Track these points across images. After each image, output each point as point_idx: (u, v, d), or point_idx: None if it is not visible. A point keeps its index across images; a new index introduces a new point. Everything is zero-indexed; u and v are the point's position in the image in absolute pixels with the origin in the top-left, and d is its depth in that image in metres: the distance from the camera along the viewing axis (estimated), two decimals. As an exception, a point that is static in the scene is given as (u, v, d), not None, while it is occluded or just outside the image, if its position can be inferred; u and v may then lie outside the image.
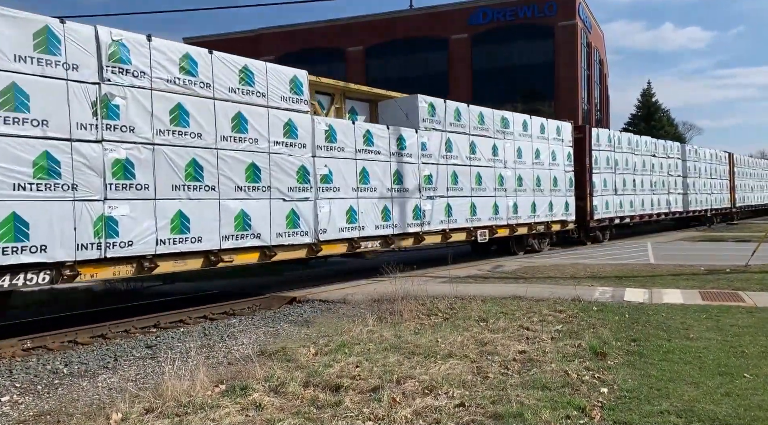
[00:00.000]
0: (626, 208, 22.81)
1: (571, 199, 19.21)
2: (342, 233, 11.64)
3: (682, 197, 27.63)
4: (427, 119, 13.88)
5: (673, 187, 26.80)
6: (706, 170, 30.95)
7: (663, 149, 26.41)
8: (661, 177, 25.74)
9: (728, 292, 9.88)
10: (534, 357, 6.10)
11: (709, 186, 31.29)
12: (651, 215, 24.79)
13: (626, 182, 22.85)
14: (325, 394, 5.10)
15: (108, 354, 7.39)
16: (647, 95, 63.59)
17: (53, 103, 7.69)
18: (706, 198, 30.67)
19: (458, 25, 43.32)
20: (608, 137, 22.02)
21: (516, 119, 16.81)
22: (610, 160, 21.82)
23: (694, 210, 29.19)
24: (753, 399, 4.77)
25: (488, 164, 15.66)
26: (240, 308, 10.20)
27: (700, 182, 29.98)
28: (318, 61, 39.33)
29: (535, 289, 10.42)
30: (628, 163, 23.15)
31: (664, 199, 25.93)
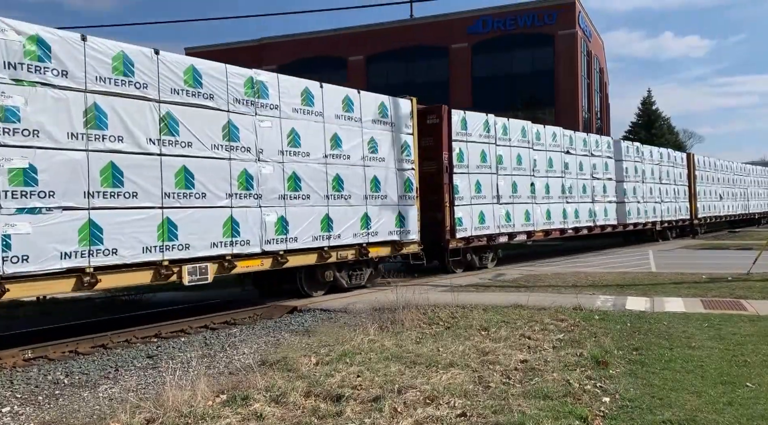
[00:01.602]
0: (518, 222, 16.94)
1: (411, 210, 13.41)
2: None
3: (615, 206, 22.15)
4: None
5: (601, 193, 21.23)
6: (653, 173, 25.43)
7: (584, 144, 20.63)
8: (580, 181, 20.03)
9: (730, 300, 9.86)
10: (536, 366, 6.09)
11: (659, 193, 25.75)
12: (564, 229, 19.04)
13: (518, 187, 17.00)
14: (326, 404, 5.09)
15: (109, 364, 7.38)
16: (647, 103, 63.64)
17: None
18: (654, 208, 25.05)
19: (458, 34, 43.46)
20: (484, 123, 16.00)
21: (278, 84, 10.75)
22: (487, 155, 15.93)
23: (636, 223, 23.70)
24: (755, 409, 4.76)
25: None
26: (241, 318, 10.19)
27: (645, 187, 24.49)
28: (320, 69, 39.43)
29: (536, 298, 10.40)
30: (522, 160, 17.21)
31: (586, 209, 20.22)
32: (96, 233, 8.07)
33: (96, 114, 8.19)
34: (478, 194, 15.59)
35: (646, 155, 25.18)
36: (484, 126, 16.03)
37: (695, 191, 29.62)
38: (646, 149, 25.63)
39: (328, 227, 11.41)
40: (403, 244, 13.20)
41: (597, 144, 21.57)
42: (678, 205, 27.72)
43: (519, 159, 17.24)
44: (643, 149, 25.05)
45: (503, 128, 16.77)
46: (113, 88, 8.42)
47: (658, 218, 25.62)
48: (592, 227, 20.75)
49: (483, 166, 15.87)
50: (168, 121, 9.03)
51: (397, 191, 13.06)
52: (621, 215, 22.51)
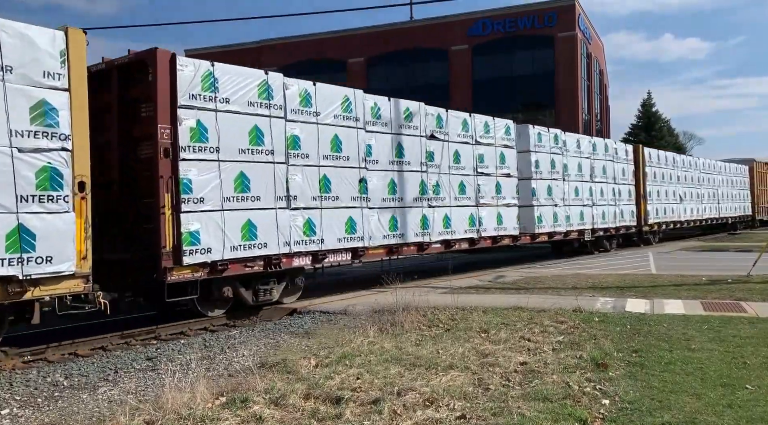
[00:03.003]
0: (331, 236, 11.35)
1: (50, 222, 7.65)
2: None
3: (517, 211, 16.91)
4: None
5: (491, 194, 15.90)
6: (581, 169, 20.16)
7: (464, 127, 15.18)
8: (456, 177, 14.80)
9: (730, 302, 9.86)
10: (535, 368, 6.08)
11: (590, 194, 20.54)
12: (424, 244, 13.71)
13: (332, 185, 11.44)
14: (325, 406, 5.09)
15: (108, 366, 7.38)
16: (647, 105, 63.70)
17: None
18: (582, 213, 19.95)
19: (458, 36, 43.49)
20: (261, 85, 10.26)
21: None
22: (265, 135, 10.28)
23: (553, 232, 18.44)
24: (755, 411, 4.75)
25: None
26: (241, 320, 10.18)
27: (567, 187, 19.26)
28: (320, 72, 39.44)
29: (536, 300, 10.40)
30: (343, 145, 11.67)
31: (464, 215, 14.94)
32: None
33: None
34: (241, 192, 9.82)
35: (569, 144, 19.72)
36: (260, 90, 10.19)
37: (644, 192, 24.35)
38: (571, 137, 20.12)
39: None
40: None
41: (487, 128, 15.98)
42: (619, 208, 22.44)
43: (337, 144, 11.49)
44: (565, 138, 19.49)
45: (303, 96, 10.91)
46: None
47: (588, 226, 20.23)
48: (475, 240, 15.24)
49: (256, 151, 10.08)
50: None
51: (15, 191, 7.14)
52: (527, 223, 17.30)
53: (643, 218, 24.24)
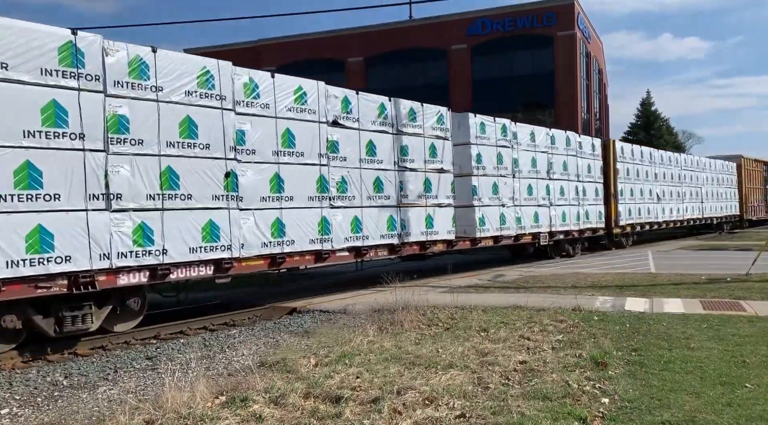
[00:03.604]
0: (179, 245, 8.94)
1: None
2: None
3: (453, 212, 14.48)
4: None
5: (418, 193, 13.49)
6: (536, 164, 17.77)
7: (381, 113, 12.74)
8: (370, 172, 12.39)
9: (729, 301, 9.87)
10: (535, 367, 6.09)
11: (548, 192, 18.13)
12: (323, 252, 11.22)
13: (179, 180, 9.04)
14: (325, 405, 5.09)
15: (108, 365, 7.38)
16: (647, 104, 63.78)
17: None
18: (538, 214, 17.60)
19: (458, 35, 43.48)
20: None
21: None
22: (68, 111, 7.82)
23: (499, 237, 15.91)
24: (754, 409, 4.76)
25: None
26: (240, 319, 10.19)
27: (519, 185, 16.97)
28: (319, 72, 39.38)
29: (535, 299, 10.40)
30: (198, 129, 9.30)
31: (382, 218, 12.57)
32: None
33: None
34: (26, 189, 7.41)
35: (521, 137, 17.27)
36: (62, 55, 7.79)
37: (615, 190, 22.04)
38: (523, 129, 17.56)
39: None
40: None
41: (413, 116, 13.53)
42: (584, 209, 20.02)
43: (190, 128, 9.18)
44: (515, 129, 17.04)
45: (135, 65, 8.56)
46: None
47: (544, 229, 17.88)
48: (395, 247, 12.83)
49: (54, 134, 7.67)
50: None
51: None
52: (468, 226, 15.16)
53: (613, 220, 21.82)
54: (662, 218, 25.74)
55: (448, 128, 14.62)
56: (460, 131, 15.29)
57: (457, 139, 15.14)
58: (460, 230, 14.99)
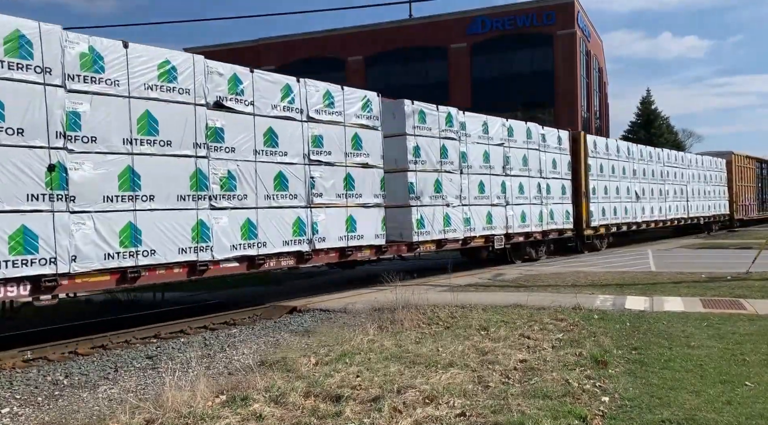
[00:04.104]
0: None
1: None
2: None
3: (383, 213, 12.57)
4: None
5: (337, 191, 11.60)
6: (489, 159, 15.82)
7: (287, 96, 10.77)
8: (271, 166, 10.49)
9: (729, 300, 9.87)
10: (535, 365, 6.09)
11: (501, 190, 16.18)
12: (202, 263, 9.29)
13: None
14: (325, 404, 5.09)
15: (108, 364, 7.38)
16: (646, 103, 63.78)
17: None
18: (491, 214, 15.71)
19: (457, 34, 43.50)
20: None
21: None
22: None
23: (443, 240, 14.25)
24: (755, 408, 4.76)
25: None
26: (241, 318, 10.19)
27: (465, 181, 14.92)
28: (319, 70, 39.45)
29: (536, 297, 10.41)
30: (6, 106, 7.25)
31: (290, 218, 10.73)
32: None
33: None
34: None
35: (471, 128, 15.32)
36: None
37: (587, 188, 20.03)
38: (474, 118, 15.51)
39: None
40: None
41: (329, 100, 11.43)
42: (548, 208, 18.13)
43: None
44: (464, 119, 15.10)
45: None
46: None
47: (499, 231, 16.02)
48: (304, 254, 10.82)
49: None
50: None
51: None
52: (404, 228, 13.36)
53: (584, 220, 19.89)
54: (642, 219, 23.87)
55: (376, 116, 12.49)
56: (395, 120, 13.36)
57: (390, 129, 13.20)
58: (396, 234, 13.28)
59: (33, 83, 7.52)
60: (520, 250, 17.71)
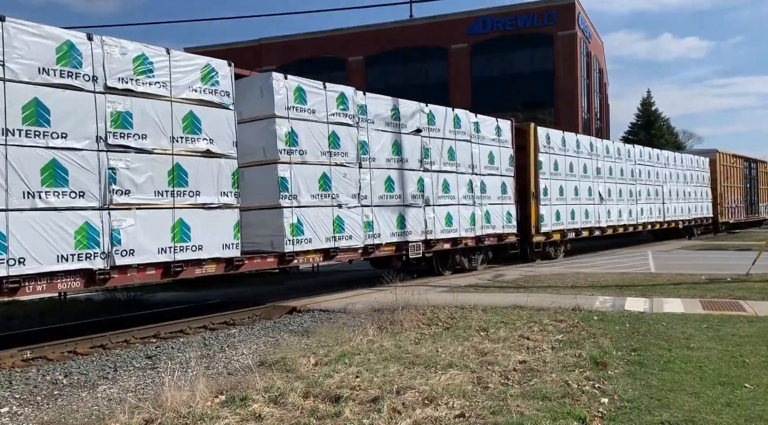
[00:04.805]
0: None
1: None
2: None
3: (235, 216, 9.86)
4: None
5: (155, 187, 8.83)
6: (399, 152, 13.16)
7: (66, 57, 7.92)
8: (46, 152, 7.75)
9: (729, 301, 9.86)
10: (534, 366, 6.09)
11: (418, 189, 13.55)
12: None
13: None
14: (325, 405, 5.09)
15: (108, 364, 7.38)
16: (647, 104, 63.80)
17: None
18: (399, 218, 12.96)
19: (458, 34, 43.52)
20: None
21: None
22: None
23: (333, 249, 11.46)
24: (754, 410, 4.76)
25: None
26: (240, 318, 10.19)
27: (366, 177, 12.33)
28: (319, 70, 39.47)
29: (535, 298, 10.40)
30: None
31: (73, 225, 7.95)
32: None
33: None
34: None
35: (374, 112, 12.63)
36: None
37: (537, 188, 17.72)
38: (379, 101, 12.87)
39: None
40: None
41: (147, 67, 8.84)
42: (483, 210, 15.47)
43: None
44: (365, 101, 12.46)
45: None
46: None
47: (416, 237, 13.38)
48: (95, 274, 8.16)
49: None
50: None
51: None
52: (274, 236, 10.69)
53: (533, 225, 17.58)
54: (607, 223, 21.36)
55: (226, 91, 9.77)
56: (263, 99, 10.71)
57: (255, 110, 10.85)
58: (266, 243, 10.78)
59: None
60: (448, 259, 15.10)
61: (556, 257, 19.15)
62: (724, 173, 32.29)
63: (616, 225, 22.03)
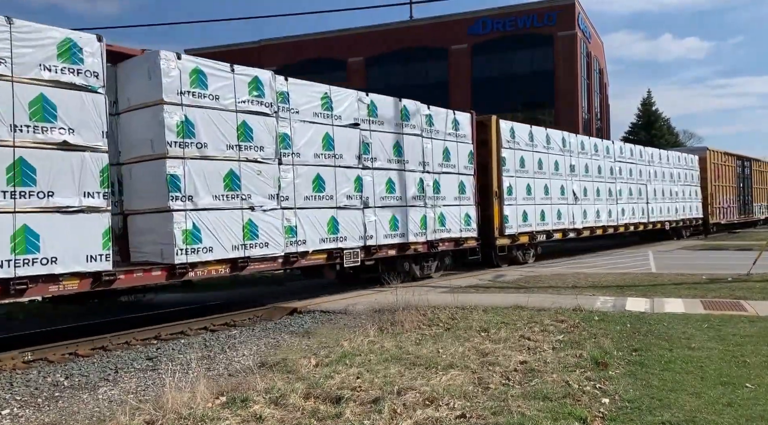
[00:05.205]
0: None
1: None
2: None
3: (105, 222, 8.22)
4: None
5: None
6: (330, 146, 11.57)
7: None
8: None
9: (730, 301, 9.86)
10: (535, 367, 6.09)
11: (355, 188, 12.06)
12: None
13: None
14: (325, 406, 5.09)
15: (109, 366, 7.38)
16: (647, 104, 63.84)
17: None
18: (332, 220, 11.48)
19: (458, 35, 43.52)
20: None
21: None
22: None
23: (242, 259, 9.90)
24: (755, 409, 4.75)
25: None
26: (241, 320, 10.19)
27: (287, 175, 10.76)
28: (320, 71, 39.51)
29: (536, 299, 10.40)
30: None
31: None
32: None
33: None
34: None
35: (299, 101, 11.06)
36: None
37: (500, 187, 16.35)
38: (304, 88, 11.23)
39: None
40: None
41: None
42: (436, 212, 14.02)
43: None
44: (286, 88, 10.86)
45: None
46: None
47: (353, 242, 11.86)
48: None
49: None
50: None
51: None
52: (164, 244, 9.15)
53: (496, 227, 16.17)
54: (583, 225, 19.89)
55: (95, 72, 8.29)
56: (151, 82, 9.18)
57: (140, 95, 9.34)
58: (154, 252, 9.26)
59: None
60: (397, 267, 13.43)
61: (525, 262, 17.80)
62: (716, 172, 31.08)
63: (593, 227, 20.63)
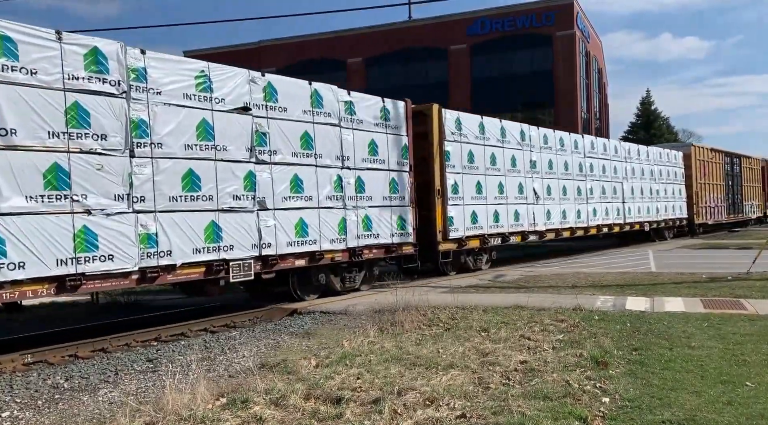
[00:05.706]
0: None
1: None
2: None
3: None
4: None
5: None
6: (208, 135, 9.48)
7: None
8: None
9: (730, 300, 9.86)
10: (535, 366, 6.09)
11: (247, 188, 10.04)
12: None
13: None
14: (326, 406, 5.09)
15: (109, 367, 7.38)
16: (646, 104, 63.89)
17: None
18: (213, 225, 9.47)
19: (457, 35, 43.53)
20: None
21: None
22: None
23: (74, 278, 7.78)
24: (755, 408, 4.76)
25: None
26: (241, 321, 10.19)
27: (141, 171, 8.64)
28: (319, 71, 39.46)
29: (536, 298, 10.39)
30: None
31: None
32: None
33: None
34: None
35: (162, 79, 9.01)
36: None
37: (443, 184, 14.52)
38: (170, 65, 9.17)
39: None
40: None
41: None
42: (360, 214, 12.15)
43: None
44: (143, 62, 8.77)
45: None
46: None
47: (246, 252, 10.01)
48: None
49: None
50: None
51: None
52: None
53: (440, 230, 14.31)
54: (546, 226, 18.02)
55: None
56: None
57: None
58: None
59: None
60: (311, 279, 11.66)
61: (477, 269, 16.01)
62: (702, 169, 29.15)
63: (559, 229, 18.69)
